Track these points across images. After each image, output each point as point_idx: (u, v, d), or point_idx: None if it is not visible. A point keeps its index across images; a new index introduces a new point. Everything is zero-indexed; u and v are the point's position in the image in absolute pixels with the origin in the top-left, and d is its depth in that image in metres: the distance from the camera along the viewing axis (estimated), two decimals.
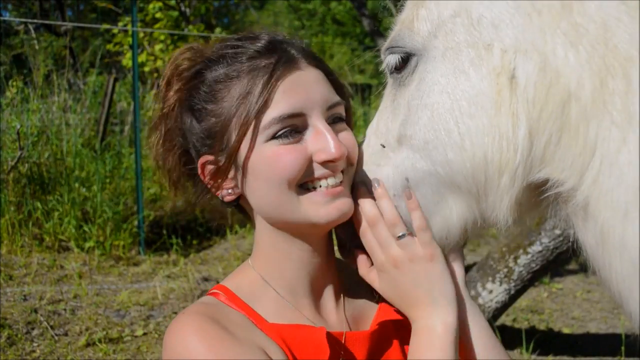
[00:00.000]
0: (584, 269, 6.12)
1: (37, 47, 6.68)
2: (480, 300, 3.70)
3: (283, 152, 1.04)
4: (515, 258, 3.58)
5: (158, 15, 9.19)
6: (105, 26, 10.05)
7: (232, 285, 1.15)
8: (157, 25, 9.17)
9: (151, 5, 9.17)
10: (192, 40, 8.66)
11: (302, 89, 1.07)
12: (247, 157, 1.06)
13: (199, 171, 1.14)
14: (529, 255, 3.54)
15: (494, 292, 3.65)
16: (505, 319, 4.44)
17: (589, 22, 0.83)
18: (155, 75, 9.21)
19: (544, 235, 3.48)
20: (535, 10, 0.86)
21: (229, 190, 1.13)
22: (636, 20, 0.81)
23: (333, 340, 1.09)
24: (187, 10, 9.56)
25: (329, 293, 1.19)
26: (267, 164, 1.05)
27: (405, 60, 1.02)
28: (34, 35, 6.97)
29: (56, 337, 3.95)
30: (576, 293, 5.37)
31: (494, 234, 7.16)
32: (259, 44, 1.10)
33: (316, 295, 1.17)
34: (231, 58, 1.10)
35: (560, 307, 5.02)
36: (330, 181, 1.07)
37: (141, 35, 8.84)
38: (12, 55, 9.06)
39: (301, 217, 1.07)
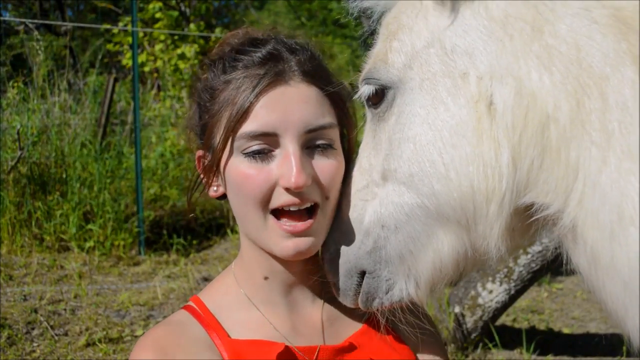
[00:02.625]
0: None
1: (39, 46, 6.66)
2: (480, 300, 3.70)
3: (250, 172, 1.03)
4: (515, 258, 3.58)
5: (158, 15, 9.19)
6: (106, 26, 10.05)
7: (207, 297, 1.16)
8: (157, 25, 9.16)
9: (151, 5, 9.17)
10: (192, 40, 8.66)
11: (280, 107, 1.02)
12: (225, 164, 1.07)
13: (196, 162, 1.16)
14: (529, 255, 3.54)
15: (494, 292, 3.65)
16: (505, 319, 4.44)
17: (560, 43, 0.83)
18: (155, 75, 9.21)
19: (544, 236, 3.48)
20: (507, 35, 0.86)
21: (215, 188, 1.15)
22: (608, 38, 0.81)
23: (291, 355, 1.08)
24: (187, 10, 9.56)
25: (307, 304, 1.16)
26: (235, 180, 1.05)
27: (381, 93, 1.00)
28: (36, 35, 6.95)
29: (56, 337, 3.95)
30: (576, 293, 5.37)
31: None
32: (259, 53, 1.08)
33: (293, 306, 1.15)
34: (230, 61, 1.10)
35: (560, 307, 5.02)
36: (293, 209, 1.04)
37: (141, 35, 8.84)
38: (12, 55, 9.06)
39: (264, 242, 1.07)
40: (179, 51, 8.76)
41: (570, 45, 0.82)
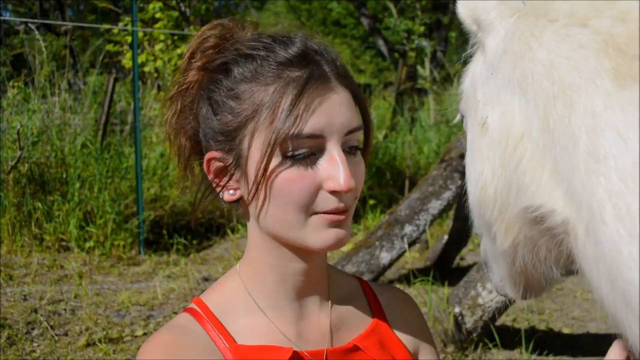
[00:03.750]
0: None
1: (42, 47, 6.66)
2: (480, 300, 3.70)
3: (294, 176, 1.01)
4: None
5: (158, 15, 9.19)
6: (106, 26, 10.05)
7: (210, 300, 1.13)
8: (157, 25, 9.17)
9: (151, 5, 9.17)
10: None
11: (327, 110, 1.02)
12: (257, 167, 1.02)
13: (205, 166, 1.10)
14: None
15: (494, 292, 3.65)
16: (505, 319, 4.45)
17: (536, 64, 0.92)
18: (155, 75, 9.21)
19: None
20: (499, 67, 1.00)
21: (232, 192, 1.09)
22: (589, 57, 0.87)
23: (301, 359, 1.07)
24: (187, 10, 9.56)
25: (314, 307, 1.15)
26: (277, 184, 1.02)
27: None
28: (37, 35, 6.95)
29: (56, 337, 3.95)
30: (576, 293, 5.37)
31: None
32: (291, 51, 1.05)
33: (301, 311, 1.13)
34: (262, 59, 1.04)
35: (560, 307, 5.02)
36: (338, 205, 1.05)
37: (141, 35, 8.84)
38: (12, 55, 9.07)
39: (299, 238, 1.05)
40: (179, 51, 8.76)
41: (546, 64, 0.91)
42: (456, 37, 18.02)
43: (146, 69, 9.04)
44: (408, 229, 4.82)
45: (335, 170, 1.01)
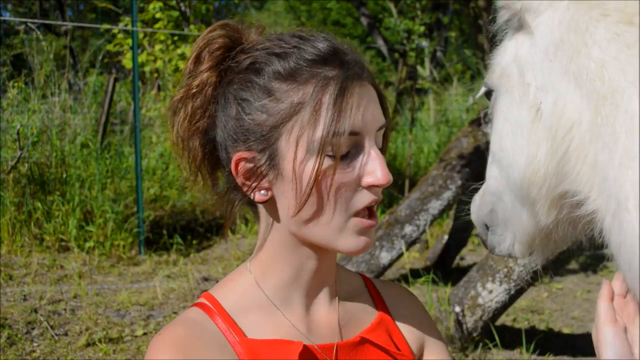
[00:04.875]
0: (584, 269, 6.12)
1: (44, 46, 6.66)
2: (480, 300, 3.70)
3: (337, 175, 1.02)
4: (516, 258, 3.58)
5: (158, 15, 9.19)
6: (106, 26, 10.05)
7: (221, 294, 1.13)
8: (157, 25, 9.17)
9: (151, 5, 9.17)
10: (192, 40, 8.66)
11: (364, 107, 1.04)
12: (293, 168, 1.02)
13: (233, 167, 1.07)
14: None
15: (494, 292, 3.65)
16: (505, 319, 4.45)
17: (590, 62, 1.01)
18: (155, 75, 9.22)
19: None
20: (557, 57, 1.07)
21: (263, 192, 1.07)
22: (632, 58, 0.96)
23: (311, 354, 1.08)
24: (188, 10, 9.56)
25: (324, 303, 1.16)
26: (321, 183, 1.02)
27: (490, 92, 1.29)
28: (38, 34, 6.95)
29: (56, 337, 3.95)
30: (576, 293, 5.37)
31: None
32: (322, 49, 1.05)
33: (310, 305, 1.15)
34: (295, 57, 1.04)
35: (560, 307, 5.02)
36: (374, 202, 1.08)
37: (141, 35, 8.84)
38: (12, 55, 9.06)
39: (334, 241, 1.06)
40: (179, 51, 8.76)
41: (598, 63, 1.00)
42: (456, 37, 18.02)
43: (146, 69, 9.04)
44: (408, 229, 4.82)
45: (374, 165, 1.04)
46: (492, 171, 1.29)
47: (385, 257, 4.72)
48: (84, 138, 6.60)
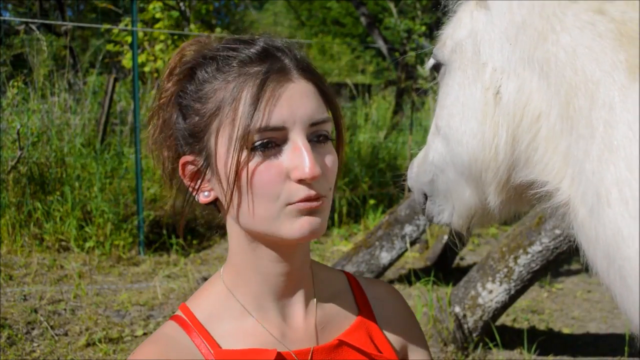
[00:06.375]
0: (584, 269, 6.12)
1: (43, 46, 6.66)
2: (480, 300, 3.70)
3: (261, 168, 1.01)
4: (515, 258, 3.58)
5: (158, 15, 9.18)
6: (106, 26, 10.04)
7: (195, 306, 1.14)
8: (157, 25, 9.16)
9: (151, 5, 9.17)
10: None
11: (288, 101, 1.03)
12: (224, 164, 1.03)
13: (180, 171, 1.11)
14: (529, 255, 3.54)
15: (494, 292, 3.65)
16: (505, 319, 4.44)
17: (559, 50, 0.97)
18: (155, 75, 9.21)
19: (544, 235, 3.48)
20: (519, 40, 1.03)
21: (206, 193, 1.10)
22: (606, 49, 0.93)
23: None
24: (188, 10, 9.56)
25: (299, 306, 1.15)
26: (246, 177, 1.02)
27: (438, 66, 1.26)
28: (38, 34, 6.95)
29: (56, 337, 3.95)
30: (576, 293, 5.37)
31: (494, 233, 7.16)
32: (253, 50, 1.06)
33: (285, 309, 1.14)
34: (223, 59, 1.06)
35: (560, 307, 5.02)
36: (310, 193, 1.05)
37: (141, 35, 8.84)
38: (12, 55, 9.06)
39: (275, 230, 1.04)
40: None
41: (569, 52, 0.96)
42: None
43: (146, 69, 9.03)
44: (408, 229, 4.82)
45: (299, 159, 1.01)
46: (435, 144, 1.27)
47: (385, 257, 4.72)
48: (83, 138, 6.59)
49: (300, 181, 1.02)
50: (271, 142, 1.02)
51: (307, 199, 1.02)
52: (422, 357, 1.26)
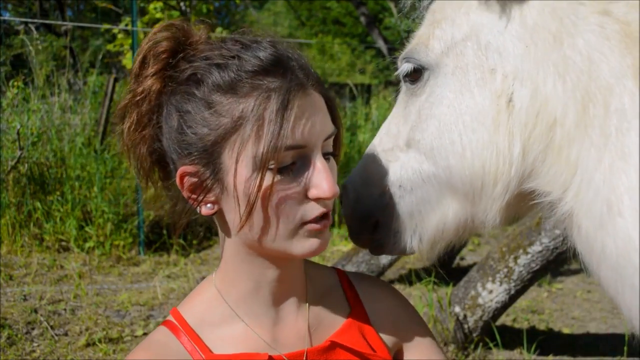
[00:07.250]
0: (584, 269, 6.12)
1: (40, 47, 6.66)
2: (480, 300, 3.70)
3: (281, 188, 0.99)
4: (515, 258, 3.58)
5: (159, 15, 9.18)
6: (106, 26, 10.04)
7: (187, 311, 1.13)
8: (157, 25, 9.15)
9: (152, 5, 9.17)
10: None
11: (309, 119, 1.00)
12: (244, 181, 0.99)
13: (177, 181, 1.05)
14: (529, 255, 3.54)
15: (494, 292, 3.65)
16: (505, 319, 4.44)
17: (576, 54, 0.93)
18: None
19: (544, 235, 3.48)
20: (533, 43, 0.97)
21: (210, 206, 1.06)
22: (615, 53, 0.91)
23: None
24: (188, 10, 9.56)
25: (291, 310, 1.14)
26: (266, 197, 0.99)
27: (419, 72, 1.13)
28: (36, 35, 6.95)
29: (56, 337, 3.94)
30: (576, 293, 5.36)
31: (494, 233, 7.16)
32: (264, 58, 1.01)
33: (277, 313, 1.13)
34: (236, 68, 1.00)
35: (560, 307, 5.02)
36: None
37: (141, 35, 8.84)
38: (12, 55, 9.07)
39: (286, 247, 1.03)
40: None
41: (584, 57, 0.93)
42: None
43: None
44: None
45: (319, 178, 1.00)
46: (403, 161, 1.16)
47: (385, 257, 4.71)
48: (83, 138, 6.59)
49: (318, 199, 1.02)
50: (291, 161, 1.00)
51: (323, 216, 1.03)
52: (424, 344, 1.24)
